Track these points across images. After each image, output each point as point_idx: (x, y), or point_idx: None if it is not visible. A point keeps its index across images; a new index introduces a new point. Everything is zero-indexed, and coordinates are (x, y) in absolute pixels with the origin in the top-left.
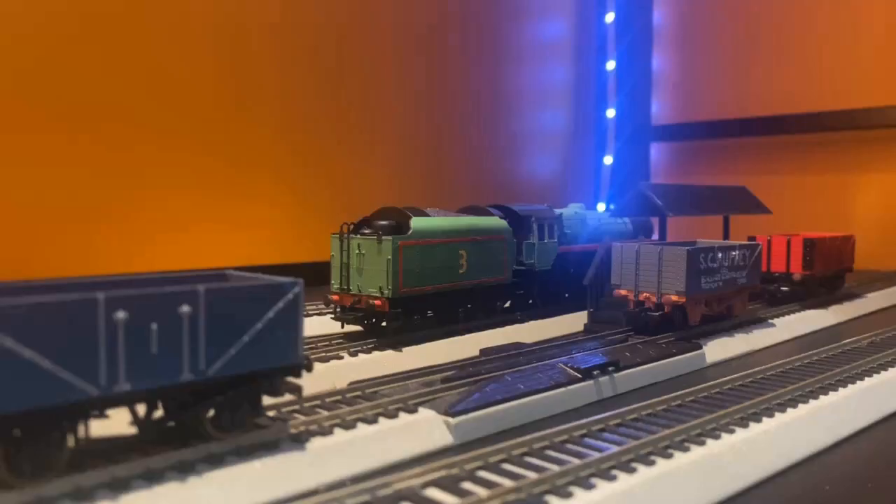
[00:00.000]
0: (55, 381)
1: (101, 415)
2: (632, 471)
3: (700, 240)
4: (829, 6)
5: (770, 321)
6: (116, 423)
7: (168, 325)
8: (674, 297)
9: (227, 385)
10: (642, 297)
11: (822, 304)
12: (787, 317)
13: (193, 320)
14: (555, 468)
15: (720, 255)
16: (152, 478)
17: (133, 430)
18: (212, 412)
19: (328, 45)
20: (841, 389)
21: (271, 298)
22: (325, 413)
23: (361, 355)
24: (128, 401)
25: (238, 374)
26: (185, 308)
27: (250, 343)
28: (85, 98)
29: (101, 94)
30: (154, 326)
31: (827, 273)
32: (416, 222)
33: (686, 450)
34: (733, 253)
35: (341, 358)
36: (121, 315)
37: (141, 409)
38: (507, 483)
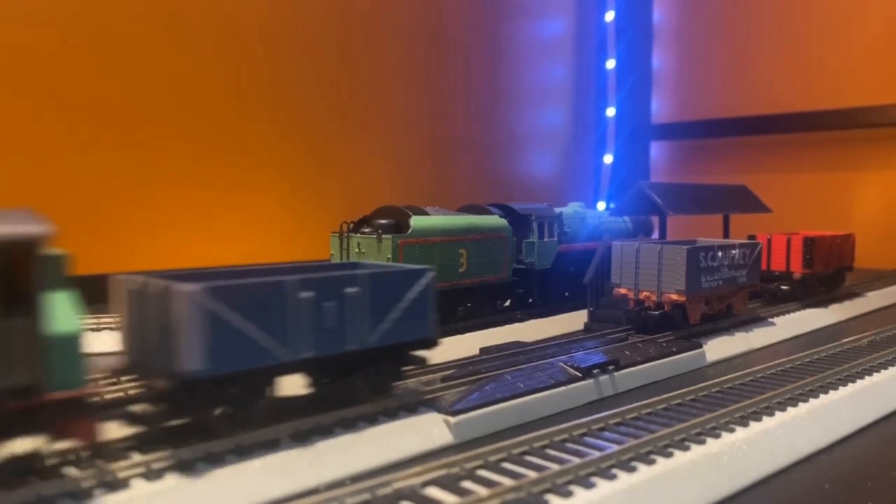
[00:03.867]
0: (260, 348)
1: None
2: (632, 470)
3: (700, 238)
4: (828, 5)
5: (770, 320)
6: (115, 422)
7: (339, 303)
8: (674, 296)
9: (380, 354)
10: (642, 295)
11: (822, 302)
12: (787, 315)
13: (358, 299)
14: (555, 467)
15: (720, 253)
16: (152, 477)
17: (130, 430)
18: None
19: (329, 43)
20: (841, 388)
21: (411, 282)
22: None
23: None
24: (309, 366)
25: (389, 344)
26: (352, 289)
27: (398, 318)
28: (87, 97)
29: (103, 93)
30: (329, 304)
31: (827, 272)
32: (416, 221)
33: (686, 449)
34: (733, 252)
35: None
36: (303, 295)
37: (311, 374)
38: (507, 482)
